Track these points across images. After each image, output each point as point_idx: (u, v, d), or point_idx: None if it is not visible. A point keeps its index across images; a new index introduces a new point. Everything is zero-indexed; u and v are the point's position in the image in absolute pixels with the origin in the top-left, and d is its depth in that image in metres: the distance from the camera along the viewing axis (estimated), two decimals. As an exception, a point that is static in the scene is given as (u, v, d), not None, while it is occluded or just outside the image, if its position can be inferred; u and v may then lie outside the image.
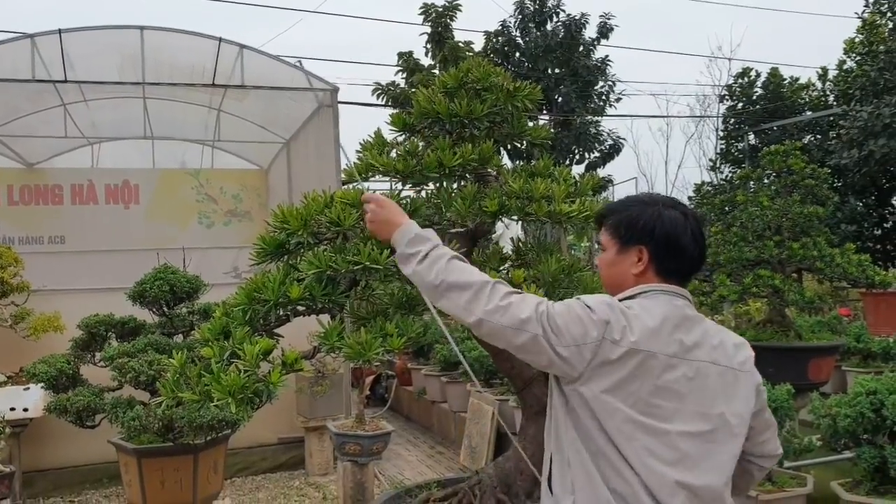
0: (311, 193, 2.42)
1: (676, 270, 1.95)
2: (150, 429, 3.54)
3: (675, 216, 1.95)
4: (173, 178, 9.46)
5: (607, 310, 1.82)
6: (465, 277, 1.90)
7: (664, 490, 1.79)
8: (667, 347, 1.83)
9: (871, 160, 11.78)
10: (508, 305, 1.83)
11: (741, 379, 1.93)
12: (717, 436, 1.86)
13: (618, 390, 1.80)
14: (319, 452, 7.37)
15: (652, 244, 1.93)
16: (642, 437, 1.79)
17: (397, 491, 2.87)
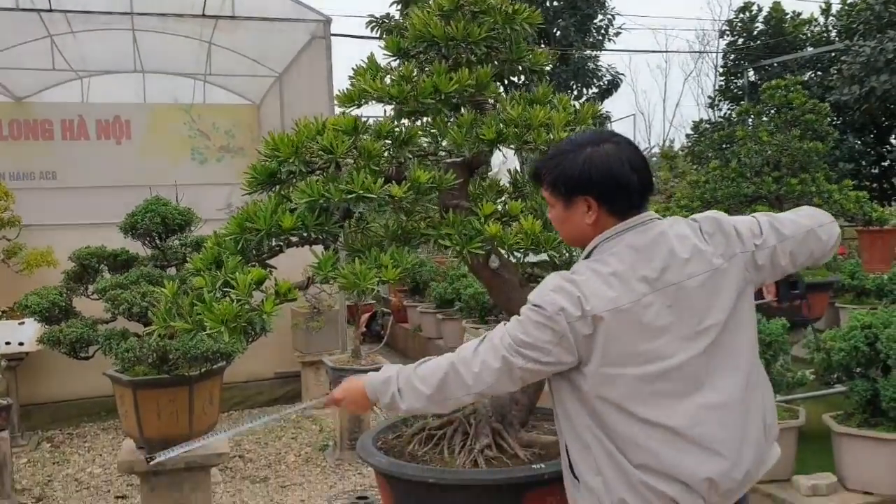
0: (303, 120, 2.36)
1: (632, 205, 1.89)
2: (145, 360, 3.53)
3: (607, 151, 1.88)
4: (165, 114, 9.32)
5: (556, 297, 1.80)
6: (437, 377, 1.89)
7: (688, 423, 1.79)
8: (632, 293, 1.80)
9: (871, 96, 11.66)
10: (482, 364, 1.85)
11: (727, 272, 1.88)
12: (722, 339, 1.84)
13: (609, 357, 1.78)
14: (316, 387, 7.43)
15: (594, 191, 1.87)
16: (650, 386, 1.79)
17: (393, 421, 2.88)
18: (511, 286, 2.60)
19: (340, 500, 3.89)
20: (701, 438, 1.79)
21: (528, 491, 2.24)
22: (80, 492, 5.44)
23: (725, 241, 1.91)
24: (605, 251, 1.87)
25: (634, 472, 1.79)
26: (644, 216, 1.90)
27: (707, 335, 1.82)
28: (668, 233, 1.88)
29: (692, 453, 1.78)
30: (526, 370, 1.83)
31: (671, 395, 1.79)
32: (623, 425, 1.79)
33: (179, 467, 3.83)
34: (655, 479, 1.78)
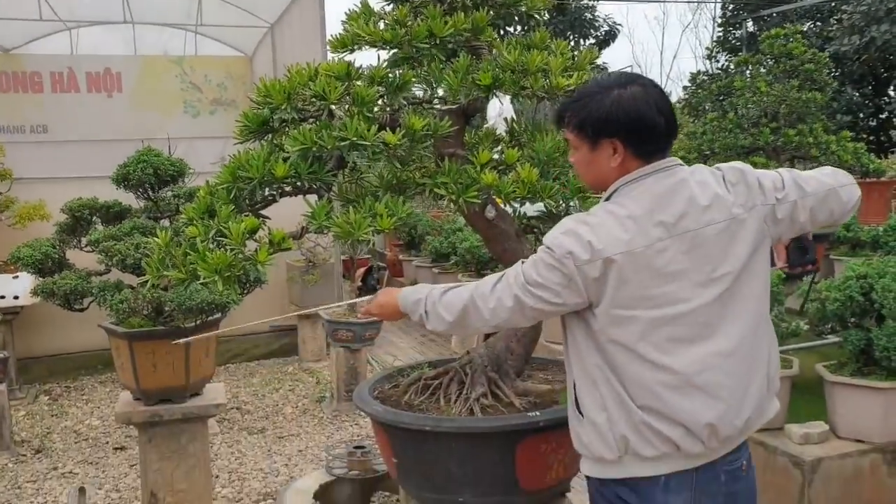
0: (295, 66, 2.31)
1: (657, 148, 1.88)
2: (140, 312, 3.52)
3: (634, 93, 1.86)
4: (156, 66, 9.17)
5: (565, 240, 1.83)
6: (458, 307, 1.98)
7: (695, 369, 1.81)
8: (647, 237, 1.80)
9: (871, 47, 11.53)
10: (497, 301, 1.92)
11: (746, 223, 1.87)
12: (735, 289, 1.85)
13: (621, 299, 1.81)
14: (312, 339, 7.47)
15: (622, 133, 1.86)
16: (661, 330, 1.81)
17: (389, 371, 2.89)
18: (507, 237, 2.59)
19: (338, 450, 3.93)
20: (706, 385, 1.81)
21: (523, 438, 2.25)
22: (78, 443, 5.49)
23: (747, 191, 1.90)
24: (624, 194, 1.87)
25: (638, 412, 1.82)
26: (667, 161, 1.89)
27: (720, 283, 1.83)
28: (689, 180, 1.88)
29: (696, 398, 1.81)
30: (536, 309, 1.89)
31: (681, 339, 1.82)
32: (631, 366, 1.83)
33: (177, 418, 3.85)
34: (658, 420, 1.82)
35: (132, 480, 4.75)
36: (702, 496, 1.87)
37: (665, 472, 1.85)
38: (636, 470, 1.87)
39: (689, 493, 1.86)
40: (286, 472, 4.86)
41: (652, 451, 1.83)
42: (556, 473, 2.35)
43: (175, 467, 3.90)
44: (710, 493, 1.88)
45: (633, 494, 1.87)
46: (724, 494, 1.90)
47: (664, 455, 1.84)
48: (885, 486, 3.97)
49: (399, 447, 2.40)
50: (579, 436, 1.95)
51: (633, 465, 1.87)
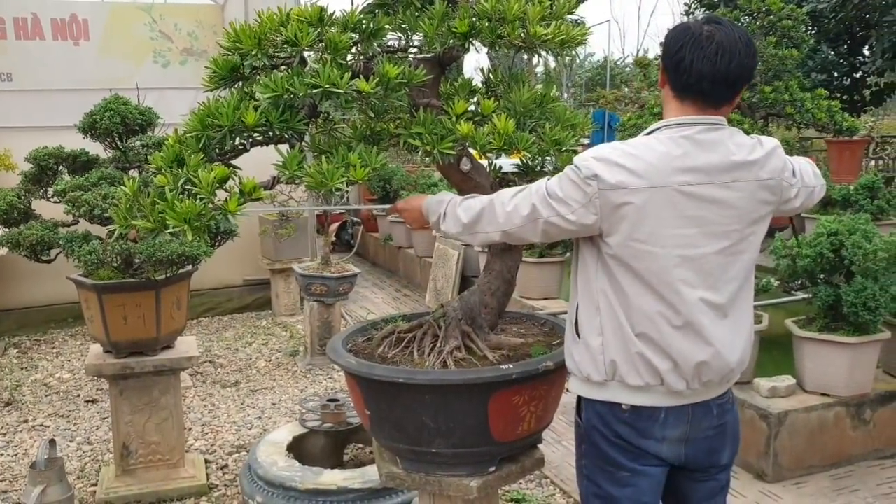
0: (266, 12, 2.25)
1: (686, 86, 1.91)
2: (109, 264, 3.46)
3: (692, 30, 1.90)
4: (125, 14, 8.94)
5: (594, 163, 1.88)
6: (476, 209, 2.07)
7: (694, 311, 1.91)
8: (677, 178, 1.87)
9: (848, 5, 11.51)
10: (514, 207, 1.99)
11: (768, 188, 1.98)
12: (737, 248, 1.95)
13: (639, 232, 1.87)
14: (286, 294, 7.44)
15: (666, 58, 1.95)
16: (672, 270, 1.89)
17: (363, 324, 2.87)
18: (482, 190, 2.55)
19: (311, 403, 3.93)
20: (702, 329, 1.92)
21: (497, 390, 2.25)
22: (49, 396, 5.45)
23: (777, 163, 2.00)
24: (666, 133, 1.93)
25: (634, 341, 1.93)
26: (713, 118, 1.94)
27: (728, 238, 1.93)
28: (727, 140, 1.94)
29: (691, 339, 1.92)
30: (550, 223, 1.94)
31: (686, 281, 1.91)
32: (637, 295, 1.92)
33: (148, 371, 3.82)
34: (652, 351, 1.92)
35: (104, 433, 4.74)
36: (697, 427, 2.02)
37: (648, 404, 1.97)
38: (619, 396, 1.99)
39: (685, 426, 2.01)
40: (259, 424, 4.87)
41: (637, 381, 1.95)
42: (528, 425, 2.36)
43: (147, 419, 3.89)
44: (704, 427, 2.03)
45: (632, 431, 2.00)
46: (714, 427, 2.05)
47: (647, 386, 1.95)
48: (849, 437, 4.07)
49: (372, 400, 2.40)
50: (572, 355, 2.08)
51: (617, 390, 1.99)
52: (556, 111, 2.49)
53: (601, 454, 2.06)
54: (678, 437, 2.01)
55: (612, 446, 2.03)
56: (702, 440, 2.04)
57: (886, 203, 7.05)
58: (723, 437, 2.08)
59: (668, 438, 2.00)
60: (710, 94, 1.91)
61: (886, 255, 3.86)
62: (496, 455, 2.37)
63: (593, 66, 29.78)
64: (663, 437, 2.00)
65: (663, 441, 2.00)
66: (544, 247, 6.31)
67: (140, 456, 3.91)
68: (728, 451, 2.11)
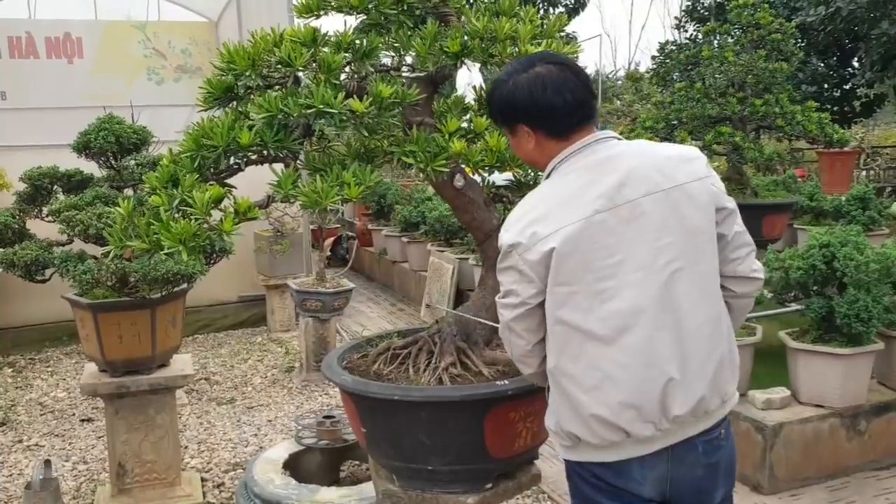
0: (260, 32, 2.27)
1: (567, 126, 1.88)
2: (104, 283, 3.47)
3: (530, 77, 1.87)
4: (118, 32, 8.98)
5: (506, 235, 1.86)
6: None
7: (643, 345, 1.79)
8: (584, 210, 1.78)
9: (837, 18, 11.62)
10: (506, 341, 2.00)
11: (691, 191, 1.83)
12: (681, 262, 1.80)
13: (563, 276, 1.79)
14: (281, 310, 7.44)
15: (522, 118, 1.91)
16: (606, 305, 1.78)
17: (358, 341, 2.88)
18: (476, 206, 2.57)
19: (307, 420, 3.93)
20: (655, 361, 1.83)
21: (492, 407, 2.26)
22: (44, 416, 5.43)
23: (690, 167, 1.88)
24: (561, 172, 1.89)
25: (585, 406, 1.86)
26: (595, 136, 1.90)
27: (665, 253, 1.79)
28: (626, 151, 1.87)
29: (646, 375, 1.83)
30: (518, 319, 1.89)
31: (626, 313, 1.80)
32: (579, 346, 1.83)
33: (144, 389, 3.82)
34: (605, 408, 1.85)
35: (99, 452, 4.72)
36: (679, 467, 1.86)
37: (622, 458, 1.84)
38: (594, 455, 1.87)
39: (664, 465, 1.85)
40: (255, 442, 4.86)
41: (599, 441, 1.83)
42: (524, 441, 2.36)
43: (143, 438, 3.88)
44: (689, 463, 1.87)
45: (608, 471, 1.86)
46: (703, 466, 1.88)
47: (614, 443, 1.82)
48: (844, 449, 4.08)
49: (368, 417, 2.40)
50: (545, 418, 2.00)
51: (588, 451, 1.88)
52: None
53: (583, 495, 1.93)
54: (659, 476, 1.86)
55: (592, 487, 1.89)
56: (687, 480, 1.88)
57: (878, 214, 7.10)
58: (714, 477, 1.92)
59: (650, 478, 1.86)
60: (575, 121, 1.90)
61: (878, 266, 3.88)
62: (492, 472, 2.37)
63: (586, 79, 29.83)
64: (643, 477, 1.85)
65: (644, 481, 1.85)
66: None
67: (136, 475, 3.90)
68: (721, 490, 1.95)
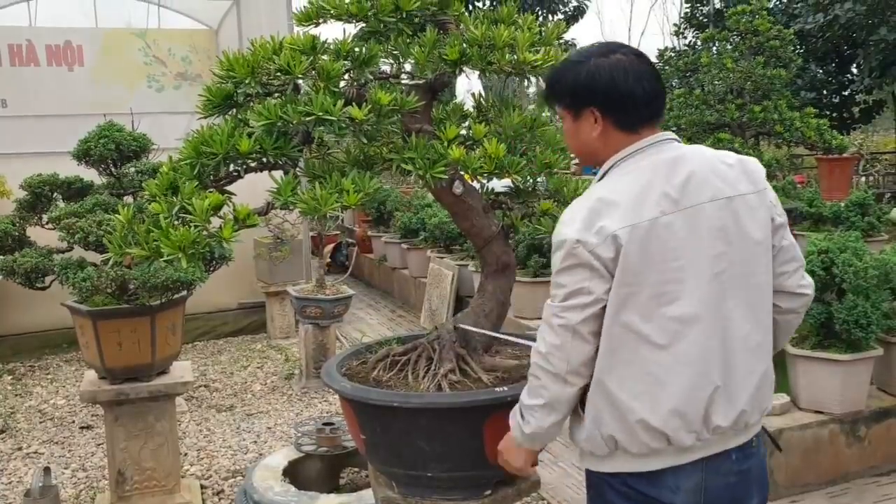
0: (259, 40, 2.28)
1: (636, 118, 1.84)
2: (104, 290, 3.47)
3: (612, 62, 1.83)
4: (119, 39, 9.00)
5: (568, 230, 1.77)
6: (534, 384, 1.85)
7: (695, 353, 1.77)
8: (654, 210, 1.74)
9: (835, 24, 11.65)
10: (550, 347, 1.79)
11: (751, 202, 1.82)
12: (734, 271, 1.79)
13: (628, 277, 1.73)
14: (281, 316, 7.44)
15: (598, 101, 1.83)
16: (665, 309, 1.75)
17: (357, 347, 2.88)
18: (475, 212, 2.58)
19: (307, 427, 3.93)
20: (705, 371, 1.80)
21: (491, 413, 2.26)
22: (43, 423, 5.43)
23: (750, 175, 1.86)
24: (621, 170, 1.83)
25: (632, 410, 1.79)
26: (660, 136, 1.85)
27: (720, 262, 1.78)
28: (687, 155, 1.84)
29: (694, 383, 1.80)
30: (585, 321, 1.76)
31: (683, 320, 1.77)
32: (633, 351, 1.77)
33: (143, 397, 3.81)
34: (651, 412, 1.79)
35: (99, 459, 4.71)
36: (714, 476, 1.84)
37: (659, 468, 1.80)
38: (628, 465, 1.82)
39: (699, 474, 1.82)
40: (255, 449, 4.85)
41: (639, 448, 1.79)
42: (523, 447, 2.36)
43: (142, 446, 3.87)
44: (722, 473, 1.85)
45: (641, 480, 1.82)
46: (735, 473, 1.86)
47: (654, 451, 1.79)
48: (844, 455, 4.08)
49: (367, 423, 2.40)
50: (572, 431, 1.92)
51: (623, 460, 1.83)
52: (546, 135, 2.52)
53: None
54: (693, 486, 1.82)
55: (623, 497, 1.84)
56: (721, 488, 1.85)
57: (877, 220, 7.10)
58: (747, 485, 1.89)
59: (683, 488, 1.82)
60: (646, 114, 1.86)
61: (877, 272, 3.89)
62: (492, 478, 2.37)
63: (585, 85, 29.95)
64: (677, 486, 1.81)
65: (678, 491, 1.81)
66: (538, 266, 6.33)
67: (135, 482, 3.89)
68: (756, 499, 1.91)
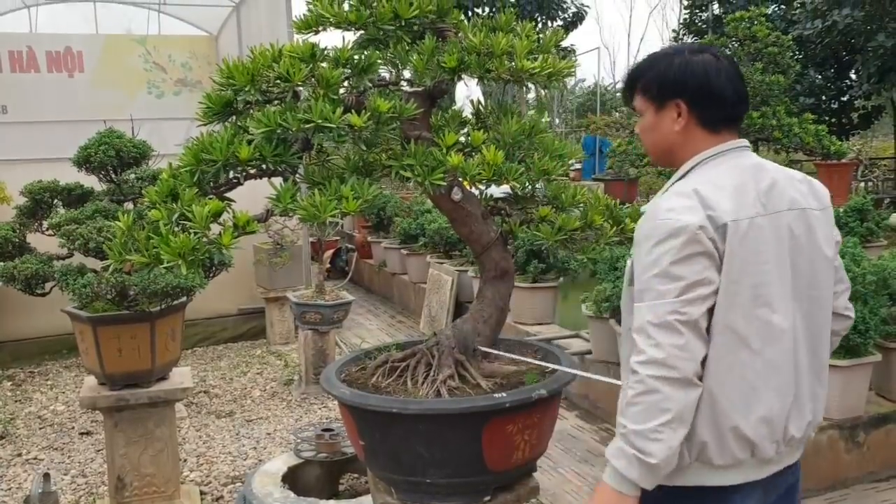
0: (259, 47, 2.29)
1: (721, 117, 1.84)
2: (104, 296, 3.48)
3: (705, 59, 1.84)
4: (119, 45, 9.04)
5: (693, 217, 1.68)
6: (648, 400, 1.64)
7: (782, 361, 1.76)
8: (749, 209, 1.73)
9: (833, 30, 11.67)
10: (670, 352, 1.63)
11: (820, 218, 1.85)
12: (807, 282, 1.81)
13: (733, 272, 1.69)
14: (280, 322, 7.44)
15: (687, 94, 1.83)
16: (759, 312, 1.72)
17: (357, 353, 2.89)
18: (474, 219, 2.59)
19: (306, 433, 3.93)
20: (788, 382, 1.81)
21: (490, 419, 2.27)
22: (43, 429, 5.43)
23: (818, 194, 1.88)
24: (709, 168, 1.82)
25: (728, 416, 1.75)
26: (741, 141, 1.86)
27: (797, 272, 1.79)
28: (765, 163, 1.85)
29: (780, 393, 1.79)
30: (704, 317, 1.67)
31: (773, 326, 1.76)
32: (733, 354, 1.73)
33: (143, 403, 3.82)
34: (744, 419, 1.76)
35: (99, 465, 4.72)
36: (772, 490, 1.86)
37: (736, 483, 1.78)
38: (704, 478, 1.78)
39: (759, 493, 1.83)
40: (255, 455, 4.85)
41: (724, 459, 1.74)
42: (522, 454, 2.37)
43: (142, 452, 3.88)
44: (776, 486, 1.87)
45: (710, 496, 1.79)
46: (786, 486, 1.90)
47: (736, 463, 1.75)
48: (843, 460, 4.08)
49: (366, 429, 2.41)
50: None
51: (701, 472, 1.78)
52: (544, 141, 2.53)
53: None
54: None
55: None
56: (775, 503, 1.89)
57: (876, 225, 7.11)
58: (793, 498, 1.94)
59: None
60: (731, 114, 1.87)
61: (875, 278, 3.90)
62: (491, 484, 2.38)
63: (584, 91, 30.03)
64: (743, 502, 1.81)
65: None
66: (537, 272, 6.33)
67: (135, 488, 3.90)
68: None
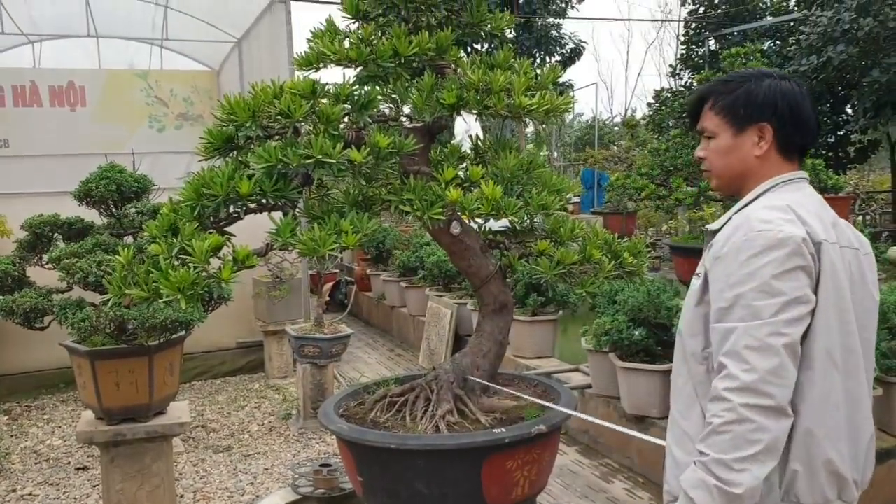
0: (260, 84, 2.32)
1: (801, 145, 1.79)
2: (102, 330, 3.47)
3: (790, 85, 1.79)
4: (121, 80, 9.12)
5: (796, 229, 1.61)
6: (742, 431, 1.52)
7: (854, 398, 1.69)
8: (829, 234, 1.67)
9: (829, 66, 11.77)
10: (764, 376, 1.53)
11: (869, 262, 1.80)
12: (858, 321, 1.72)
13: (823, 291, 1.62)
14: (279, 356, 7.41)
15: (775, 119, 1.74)
16: (848, 339, 1.67)
17: (355, 388, 2.88)
18: (472, 252, 2.61)
19: (304, 468, 3.90)
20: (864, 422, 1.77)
21: (489, 455, 2.26)
22: (39, 464, 5.37)
23: (857, 239, 1.81)
24: (784, 192, 1.74)
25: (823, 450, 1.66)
26: (805, 173, 1.82)
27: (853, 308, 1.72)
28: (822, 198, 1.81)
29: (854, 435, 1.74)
30: (799, 339, 1.58)
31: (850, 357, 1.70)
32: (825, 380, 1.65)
33: (140, 437, 3.79)
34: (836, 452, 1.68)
35: (94, 501, 4.66)
36: None
37: None
38: None
39: None
40: (252, 490, 4.80)
41: (813, 497, 1.63)
42: (522, 490, 2.35)
43: (138, 487, 3.84)
44: None
45: None
46: None
47: (824, 502, 1.65)
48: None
49: (364, 465, 2.40)
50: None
51: None
52: (542, 176, 2.55)
53: None
54: None
55: None
56: None
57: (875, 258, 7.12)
58: None
59: None
60: (810, 142, 1.83)
61: (874, 311, 3.89)
62: (490, 520, 2.35)
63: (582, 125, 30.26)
64: None
65: None
66: (536, 305, 6.33)
67: (130, 524, 3.86)
68: None
